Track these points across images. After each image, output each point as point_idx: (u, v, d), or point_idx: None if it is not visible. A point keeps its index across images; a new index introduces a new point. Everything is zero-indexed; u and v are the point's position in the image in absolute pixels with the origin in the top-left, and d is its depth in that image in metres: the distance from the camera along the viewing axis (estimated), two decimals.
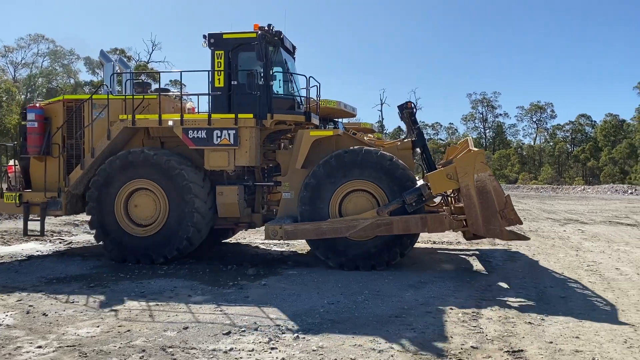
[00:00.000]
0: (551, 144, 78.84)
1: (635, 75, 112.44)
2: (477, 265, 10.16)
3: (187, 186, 9.74)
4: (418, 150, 10.71)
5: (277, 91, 10.47)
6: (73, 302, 7.34)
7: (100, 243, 10.33)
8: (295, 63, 11.61)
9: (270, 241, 10.67)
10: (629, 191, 46.87)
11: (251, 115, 9.76)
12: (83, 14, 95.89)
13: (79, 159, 10.46)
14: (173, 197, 9.87)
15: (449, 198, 10.75)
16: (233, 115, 9.80)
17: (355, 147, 9.75)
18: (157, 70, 11.76)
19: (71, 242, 12.66)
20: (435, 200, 10.12)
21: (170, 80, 56.03)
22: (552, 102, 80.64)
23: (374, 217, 9.26)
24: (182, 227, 9.80)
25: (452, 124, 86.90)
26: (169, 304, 7.23)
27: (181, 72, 10.28)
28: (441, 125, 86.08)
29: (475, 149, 9.69)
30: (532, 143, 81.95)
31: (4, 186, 11.29)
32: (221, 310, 6.89)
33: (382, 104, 69.91)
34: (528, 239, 9.99)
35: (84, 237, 13.63)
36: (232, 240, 13.35)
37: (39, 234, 10.78)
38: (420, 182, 9.60)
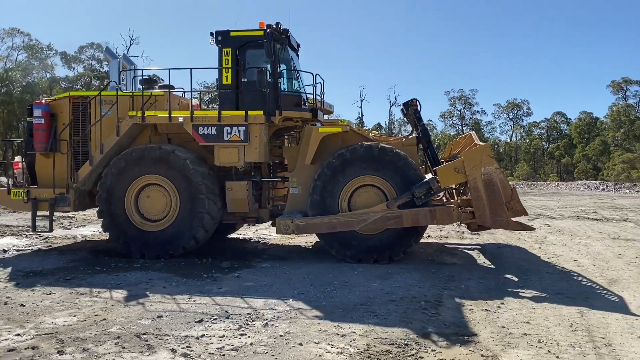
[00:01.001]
0: (527, 141, 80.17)
1: (609, 74, 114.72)
2: (443, 257, 10.57)
3: (199, 185, 9.90)
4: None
5: (284, 88, 10.70)
6: (50, 293, 7.55)
7: (107, 233, 10.42)
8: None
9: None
10: (601, 187, 48.08)
11: (261, 112, 9.98)
12: (58, 7, 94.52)
13: (86, 155, 10.56)
14: (184, 194, 10.01)
15: (453, 191, 11.13)
16: (243, 112, 10.00)
17: (371, 143, 9.97)
18: (167, 68, 11.96)
19: (48, 237, 12.78)
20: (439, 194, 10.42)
21: (149, 75, 55.63)
22: (528, 100, 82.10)
23: (384, 210, 9.57)
24: (191, 225, 9.96)
25: (431, 120, 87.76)
26: (144, 294, 7.49)
27: (191, 69, 10.33)
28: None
29: (482, 144, 10.03)
30: (509, 140, 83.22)
31: (10, 182, 11.29)
32: (194, 301, 7.17)
33: (361, 101, 70.32)
34: (533, 229, 10.24)
35: (61, 232, 13.74)
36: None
37: (47, 229, 10.84)
38: (428, 176, 9.89)
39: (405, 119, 11.66)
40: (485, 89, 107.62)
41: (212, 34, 10.40)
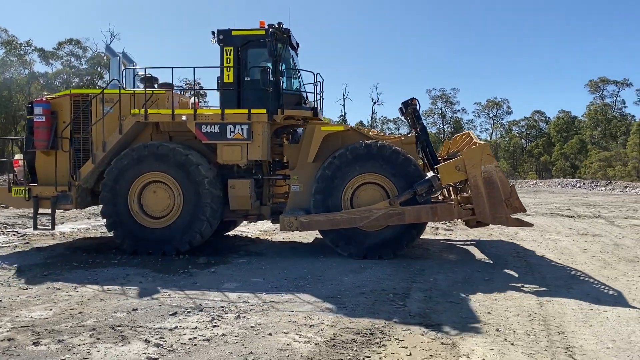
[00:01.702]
0: (507, 139, 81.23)
1: (587, 73, 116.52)
2: (414, 252, 10.85)
3: (203, 182, 10.02)
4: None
5: (286, 87, 10.84)
6: (27, 288, 7.67)
7: (111, 232, 10.48)
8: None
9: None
10: (577, 185, 49.03)
11: (264, 111, 10.14)
12: (36, 3, 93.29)
13: (86, 153, 10.61)
14: (188, 191, 10.12)
15: (450, 189, 11.37)
16: (246, 111, 10.14)
17: (371, 141, 10.16)
18: (170, 67, 12.03)
19: (25, 235, 12.81)
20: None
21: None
22: (508, 99, 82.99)
23: (387, 207, 9.79)
24: (196, 221, 10.07)
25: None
26: (120, 289, 7.65)
27: (194, 68, 10.42)
28: (402, 120, 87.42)
29: (482, 142, 10.29)
30: (489, 138, 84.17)
31: (10, 180, 11.26)
32: (169, 294, 7.36)
33: (344, 99, 70.75)
34: (531, 225, 10.46)
35: (39, 230, 13.75)
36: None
37: (49, 228, 10.86)
38: (430, 174, 10.11)
39: (402, 117, 11.91)
40: (466, 87, 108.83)
41: (213, 32, 10.51)
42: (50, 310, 6.57)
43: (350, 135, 10.67)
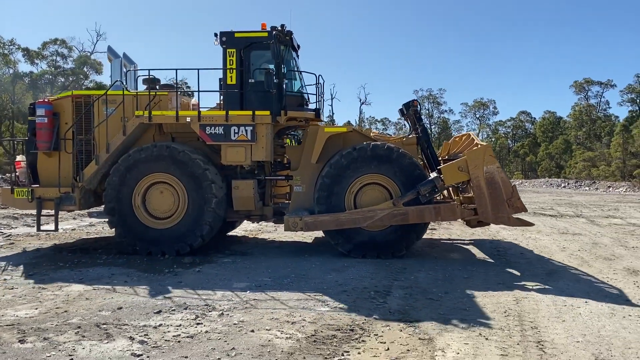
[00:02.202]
0: (493, 139, 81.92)
1: (572, 74, 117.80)
2: None
3: (208, 183, 10.09)
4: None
5: (289, 88, 10.95)
6: (12, 288, 7.73)
7: (113, 230, 10.52)
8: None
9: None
10: (562, 185, 49.68)
11: (268, 112, 10.21)
12: (21, 1, 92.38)
13: (88, 155, 10.64)
14: (192, 192, 10.18)
15: (451, 189, 11.54)
16: (250, 112, 10.21)
17: (378, 142, 10.30)
18: (174, 68, 11.95)
19: (10, 235, 12.83)
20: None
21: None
22: (494, 99, 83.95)
23: (391, 207, 9.94)
24: (200, 222, 10.13)
25: (401, 119, 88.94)
26: (105, 288, 7.74)
27: (198, 69, 10.43)
28: (390, 121, 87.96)
29: (484, 143, 10.45)
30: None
31: (12, 181, 11.24)
32: (154, 293, 7.46)
33: (332, 99, 70.71)
34: (532, 224, 10.66)
35: (24, 230, 13.79)
36: None
37: (53, 229, 10.90)
38: (433, 175, 10.25)
39: (403, 119, 12.08)
40: (453, 88, 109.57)
41: (216, 34, 10.58)
42: (36, 309, 6.65)
43: (352, 137, 10.82)
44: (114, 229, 10.49)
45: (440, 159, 11.65)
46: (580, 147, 64.22)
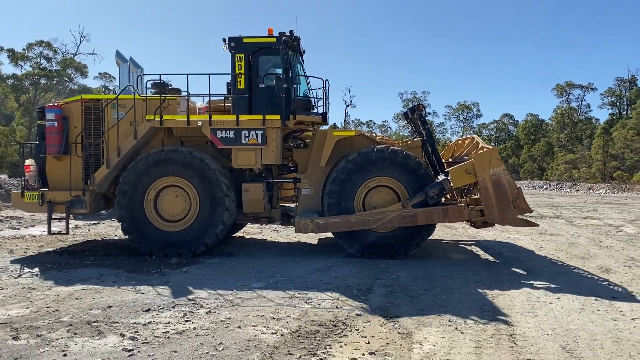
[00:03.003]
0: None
1: (554, 77, 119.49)
2: None
3: (220, 185, 10.28)
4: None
5: (297, 93, 11.16)
6: (2, 289, 7.88)
7: (126, 236, 10.62)
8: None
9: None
10: (544, 186, 50.52)
11: (278, 117, 10.43)
12: (4, 3, 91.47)
13: (97, 158, 10.75)
14: (204, 194, 10.36)
15: (455, 191, 11.81)
16: (261, 117, 10.42)
17: (382, 146, 10.55)
18: (185, 73, 11.95)
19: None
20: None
21: (100, 73, 54.86)
22: (478, 102, 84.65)
23: (400, 209, 10.17)
24: (212, 223, 10.33)
25: (386, 121, 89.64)
26: (94, 288, 7.92)
27: (209, 74, 10.48)
28: (375, 123, 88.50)
29: (490, 147, 10.74)
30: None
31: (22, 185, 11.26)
32: (143, 293, 7.66)
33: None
34: (537, 225, 11.00)
35: (9, 233, 13.86)
36: None
37: (65, 232, 10.98)
38: (441, 177, 10.49)
39: (407, 122, 12.34)
40: (437, 91, 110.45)
41: (224, 40, 10.75)
42: (27, 308, 6.82)
43: (359, 140, 11.08)
44: (127, 236, 10.62)
45: (444, 161, 11.93)
46: (562, 149, 65.17)
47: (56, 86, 41.80)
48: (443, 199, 11.29)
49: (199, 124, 10.52)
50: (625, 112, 65.90)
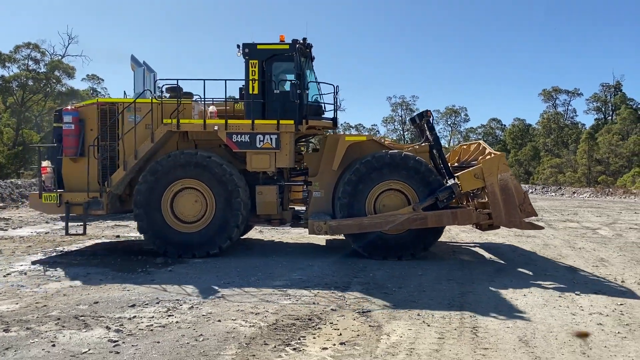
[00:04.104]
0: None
1: (540, 82, 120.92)
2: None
3: (236, 188, 10.59)
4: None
5: (309, 98, 11.51)
6: None
7: (142, 235, 10.91)
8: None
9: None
10: (530, 190, 51.15)
11: (292, 121, 10.76)
12: None
13: (113, 160, 11.01)
14: (220, 196, 10.67)
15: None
16: (275, 121, 10.75)
17: (395, 151, 10.88)
18: (202, 79, 12.06)
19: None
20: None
21: (88, 75, 54.92)
22: (465, 107, 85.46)
23: (410, 212, 10.50)
24: (227, 225, 10.64)
25: (375, 125, 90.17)
26: (82, 285, 8.23)
27: (226, 80, 10.81)
28: (364, 127, 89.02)
29: (498, 153, 11.09)
30: (447, 145, 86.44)
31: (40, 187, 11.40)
32: (128, 290, 7.98)
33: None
34: (542, 228, 11.39)
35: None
36: None
37: (82, 233, 11.20)
38: (451, 182, 10.78)
39: (414, 127, 12.68)
40: (425, 95, 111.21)
41: (239, 46, 11.06)
42: (17, 304, 7.12)
43: (369, 145, 11.44)
44: (143, 235, 10.91)
45: (450, 165, 12.20)
46: (548, 153, 66.08)
47: (44, 88, 41.86)
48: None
49: (216, 128, 10.83)
50: (610, 117, 66.95)
